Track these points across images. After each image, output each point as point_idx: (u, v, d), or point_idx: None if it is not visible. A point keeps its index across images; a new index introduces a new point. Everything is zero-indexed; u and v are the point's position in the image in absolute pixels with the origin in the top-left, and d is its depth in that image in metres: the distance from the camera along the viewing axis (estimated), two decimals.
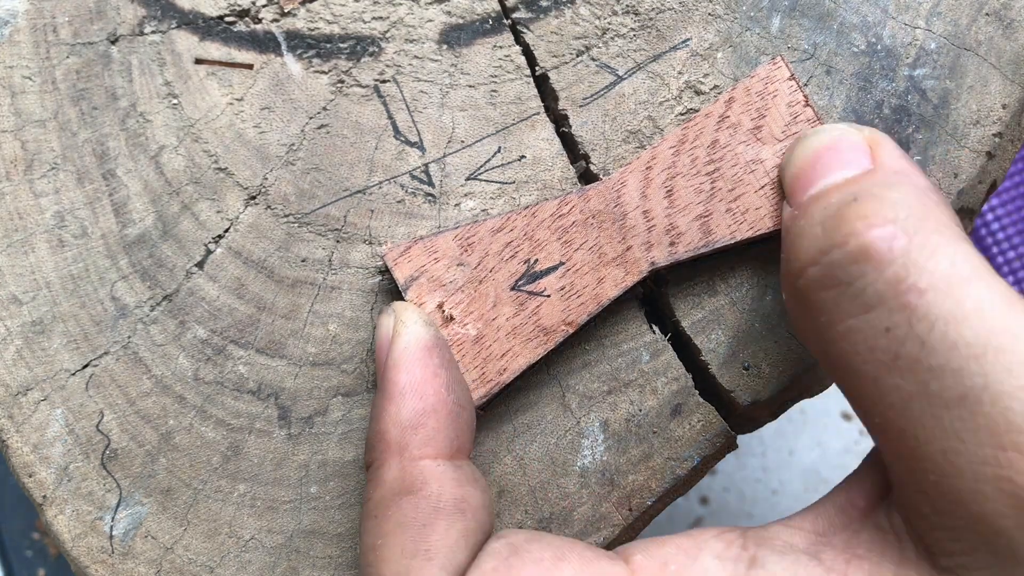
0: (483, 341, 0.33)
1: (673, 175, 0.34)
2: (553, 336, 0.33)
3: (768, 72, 0.34)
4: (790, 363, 0.35)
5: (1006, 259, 0.65)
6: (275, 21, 0.36)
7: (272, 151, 0.36)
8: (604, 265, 0.34)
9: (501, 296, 0.34)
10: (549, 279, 0.34)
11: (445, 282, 0.33)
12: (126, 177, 0.35)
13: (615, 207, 0.34)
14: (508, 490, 0.34)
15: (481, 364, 0.33)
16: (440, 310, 0.33)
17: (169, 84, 0.36)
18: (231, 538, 0.34)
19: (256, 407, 0.34)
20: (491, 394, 0.33)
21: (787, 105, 0.34)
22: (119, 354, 0.34)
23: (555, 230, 0.34)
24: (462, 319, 0.33)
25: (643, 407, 0.35)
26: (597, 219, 0.34)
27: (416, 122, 0.36)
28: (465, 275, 0.33)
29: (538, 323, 0.33)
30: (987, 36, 0.37)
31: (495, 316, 0.33)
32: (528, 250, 0.34)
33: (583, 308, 0.34)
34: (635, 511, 0.34)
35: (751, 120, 0.34)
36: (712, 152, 0.34)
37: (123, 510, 0.34)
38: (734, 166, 0.34)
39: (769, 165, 0.34)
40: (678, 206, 0.34)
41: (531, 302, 0.34)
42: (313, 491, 0.34)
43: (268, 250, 0.35)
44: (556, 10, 0.37)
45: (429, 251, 0.34)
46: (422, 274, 0.33)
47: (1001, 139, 0.37)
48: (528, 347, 0.33)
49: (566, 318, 0.33)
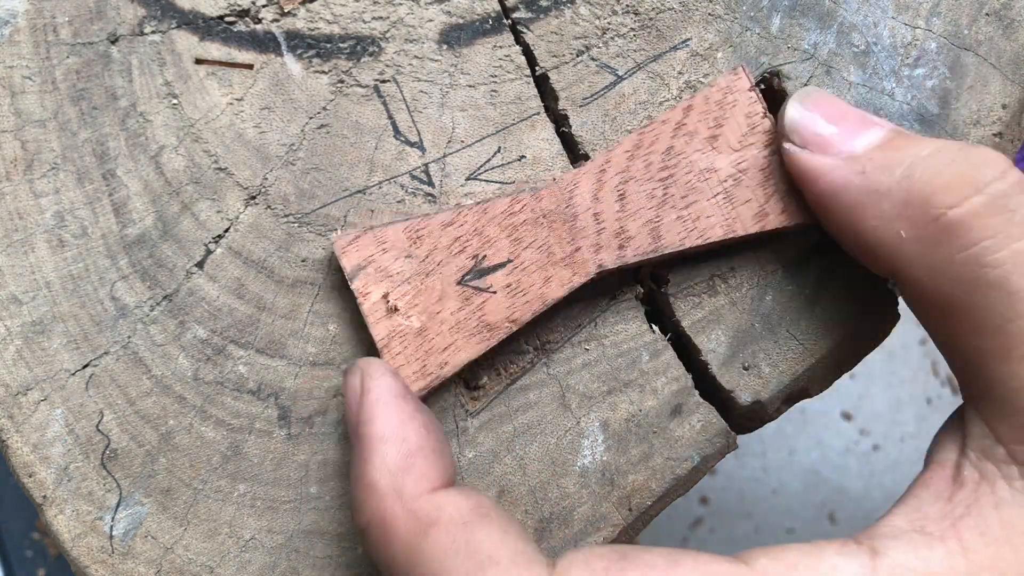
0: (426, 334, 0.33)
1: (626, 179, 0.34)
2: (496, 332, 0.33)
3: (728, 82, 0.35)
4: (790, 363, 0.35)
5: None
6: (275, 21, 0.36)
7: (272, 151, 0.36)
8: (552, 265, 0.34)
9: (447, 290, 0.33)
10: (496, 276, 0.34)
11: (392, 273, 0.33)
12: (126, 177, 0.35)
13: (566, 208, 0.34)
14: (508, 490, 0.34)
15: (423, 357, 0.33)
16: (385, 300, 0.33)
17: (169, 84, 0.36)
18: (231, 538, 0.34)
19: (256, 407, 0.34)
20: (430, 387, 0.33)
21: (745, 116, 0.34)
22: (119, 354, 0.34)
23: (505, 227, 0.34)
24: (406, 311, 0.33)
25: (643, 407, 0.35)
26: (548, 219, 0.34)
27: (416, 122, 0.36)
28: (412, 267, 0.33)
29: (482, 319, 0.33)
30: (987, 36, 0.37)
31: (439, 310, 0.33)
32: (477, 246, 0.34)
33: (528, 306, 0.33)
34: (635, 511, 0.34)
35: (708, 129, 0.34)
36: (667, 159, 0.34)
37: (123, 510, 0.34)
38: (688, 173, 0.34)
39: (723, 175, 0.34)
40: (629, 210, 0.34)
41: (477, 298, 0.33)
42: (313, 491, 0.34)
43: (268, 250, 0.35)
44: (556, 10, 0.37)
45: (378, 241, 0.34)
46: (369, 263, 0.33)
47: (1001, 139, 0.37)
48: (471, 342, 0.33)
49: (510, 315, 0.33)
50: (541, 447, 0.34)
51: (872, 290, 0.36)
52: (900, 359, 0.70)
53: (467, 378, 0.35)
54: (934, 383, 0.70)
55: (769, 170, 0.34)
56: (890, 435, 0.70)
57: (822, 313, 0.35)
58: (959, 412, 0.33)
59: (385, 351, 0.33)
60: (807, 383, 0.36)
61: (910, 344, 0.70)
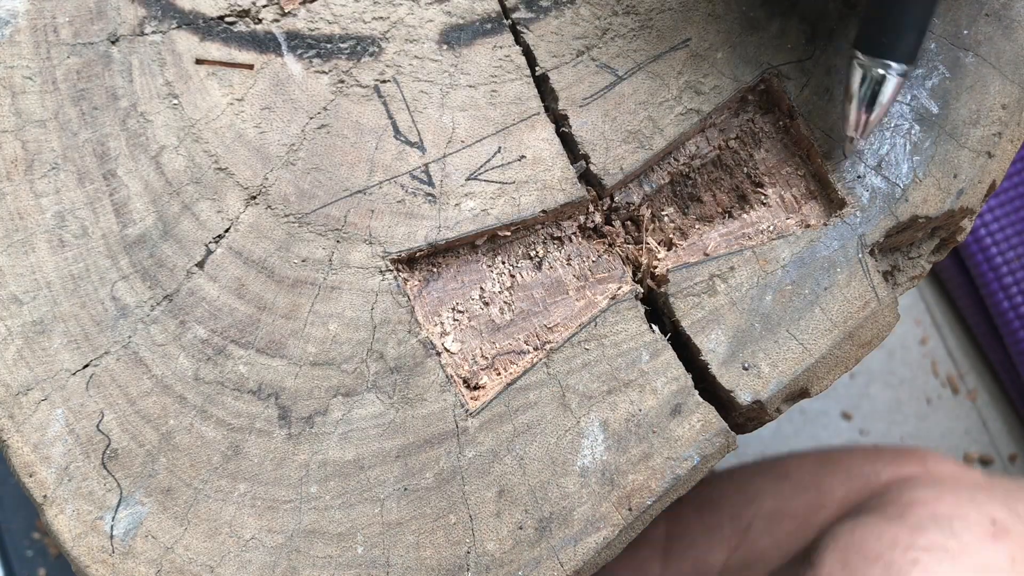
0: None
1: None
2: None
3: None
4: (790, 363, 0.35)
5: (1005, 259, 0.65)
6: (275, 21, 0.36)
7: (272, 151, 0.36)
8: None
9: None
10: None
11: None
12: (127, 177, 0.35)
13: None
14: (508, 489, 0.34)
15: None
16: None
17: (170, 84, 0.36)
18: (231, 538, 0.34)
19: (256, 407, 0.34)
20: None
21: None
22: (119, 354, 0.35)
23: None
24: None
25: (643, 407, 0.35)
26: None
27: (416, 122, 0.36)
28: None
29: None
30: (987, 36, 0.37)
31: None
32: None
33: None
34: (635, 511, 0.34)
35: None
36: None
37: (123, 510, 0.34)
38: None
39: None
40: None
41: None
42: (313, 491, 0.34)
43: (268, 250, 0.35)
44: (556, 10, 0.37)
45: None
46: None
47: (1001, 139, 0.37)
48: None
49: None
50: (541, 447, 0.34)
51: (871, 291, 0.36)
52: (900, 359, 0.70)
53: (467, 377, 0.35)
54: (934, 383, 0.70)
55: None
56: (890, 435, 0.70)
57: (821, 313, 0.35)
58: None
59: None
60: (807, 383, 0.36)
61: (910, 344, 0.70)
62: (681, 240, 0.37)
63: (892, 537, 0.36)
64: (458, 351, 0.36)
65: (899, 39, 0.32)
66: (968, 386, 0.70)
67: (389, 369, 0.35)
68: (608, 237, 0.37)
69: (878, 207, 0.36)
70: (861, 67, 0.33)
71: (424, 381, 0.35)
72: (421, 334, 0.35)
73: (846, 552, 0.37)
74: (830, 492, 0.45)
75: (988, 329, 0.68)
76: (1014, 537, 0.37)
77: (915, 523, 0.37)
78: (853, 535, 0.38)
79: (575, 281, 0.37)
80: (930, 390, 0.70)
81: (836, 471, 0.46)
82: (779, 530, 0.46)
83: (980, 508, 0.38)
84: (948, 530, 0.36)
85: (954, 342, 0.70)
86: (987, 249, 0.65)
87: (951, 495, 0.39)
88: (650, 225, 0.37)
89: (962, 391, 0.70)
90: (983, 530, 0.37)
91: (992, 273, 0.66)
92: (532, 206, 0.36)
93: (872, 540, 0.37)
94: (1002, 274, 0.66)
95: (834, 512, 0.44)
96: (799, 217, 0.37)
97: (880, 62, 0.32)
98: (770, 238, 0.36)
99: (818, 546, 0.39)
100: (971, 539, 0.36)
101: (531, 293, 0.36)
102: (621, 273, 0.37)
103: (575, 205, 0.36)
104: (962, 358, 0.70)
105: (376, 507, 0.34)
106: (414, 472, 0.34)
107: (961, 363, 0.70)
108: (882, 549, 0.36)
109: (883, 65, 0.32)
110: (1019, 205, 0.66)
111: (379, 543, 0.34)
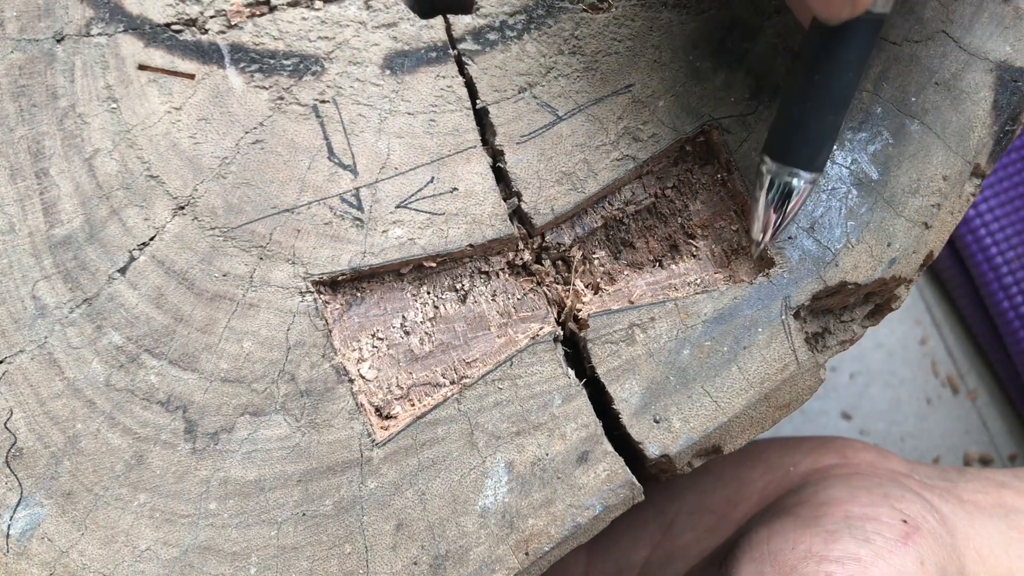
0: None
1: None
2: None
3: None
4: (702, 420, 0.35)
5: (1005, 259, 0.64)
6: (221, 33, 0.36)
7: (205, 163, 0.35)
8: None
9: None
10: None
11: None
12: (59, 177, 0.35)
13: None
14: (406, 524, 0.34)
15: None
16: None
17: (110, 88, 0.36)
18: (127, 547, 0.34)
19: (164, 418, 0.34)
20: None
21: None
22: (34, 353, 0.34)
23: None
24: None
25: (550, 451, 0.34)
26: None
27: (351, 145, 0.36)
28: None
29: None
30: (934, 105, 0.36)
31: None
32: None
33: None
34: (532, 556, 0.34)
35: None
36: None
37: (22, 510, 0.34)
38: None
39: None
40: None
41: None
42: (212, 507, 0.34)
43: (191, 261, 0.35)
44: (503, 44, 0.37)
45: None
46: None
47: (939, 210, 0.36)
48: None
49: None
50: (444, 483, 0.34)
51: (791, 353, 0.36)
52: (899, 359, 0.69)
53: (380, 406, 0.35)
54: (934, 383, 0.70)
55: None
56: (890, 435, 0.70)
57: (738, 372, 0.35)
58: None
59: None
60: (720, 441, 0.35)
61: (910, 344, 0.69)
62: (609, 285, 0.37)
63: (806, 548, 0.37)
64: (374, 378, 0.35)
65: (807, 148, 0.32)
66: (968, 386, 0.69)
67: (299, 392, 0.34)
68: (537, 276, 0.37)
69: (807, 269, 0.36)
70: (770, 173, 0.33)
71: (333, 407, 0.34)
72: (335, 359, 0.35)
73: (760, 564, 0.37)
74: (750, 484, 0.45)
75: (988, 329, 0.67)
76: (924, 534, 0.38)
77: (829, 528, 0.37)
78: (768, 545, 0.37)
79: (498, 317, 0.36)
80: (930, 390, 0.69)
81: (756, 463, 0.46)
82: (700, 525, 0.46)
83: (893, 506, 0.39)
84: (861, 535, 0.37)
85: (954, 342, 0.70)
86: (987, 249, 0.65)
87: (865, 493, 0.40)
88: (580, 267, 0.37)
89: (962, 391, 0.70)
90: (894, 532, 0.37)
91: (992, 273, 0.65)
92: (460, 239, 0.36)
93: (787, 551, 0.37)
94: (1002, 274, 0.65)
95: (754, 505, 0.44)
96: (728, 272, 0.36)
97: (789, 169, 0.32)
98: (695, 291, 0.36)
99: (735, 553, 0.38)
100: (883, 544, 0.36)
101: (453, 326, 0.36)
102: (545, 313, 0.36)
103: (503, 241, 0.36)
104: (962, 358, 0.70)
105: (273, 530, 0.34)
106: (314, 498, 0.34)
107: (961, 363, 0.70)
108: (795, 561, 0.36)
109: (792, 173, 0.32)
110: (1019, 205, 0.65)
111: (272, 566, 0.33)
